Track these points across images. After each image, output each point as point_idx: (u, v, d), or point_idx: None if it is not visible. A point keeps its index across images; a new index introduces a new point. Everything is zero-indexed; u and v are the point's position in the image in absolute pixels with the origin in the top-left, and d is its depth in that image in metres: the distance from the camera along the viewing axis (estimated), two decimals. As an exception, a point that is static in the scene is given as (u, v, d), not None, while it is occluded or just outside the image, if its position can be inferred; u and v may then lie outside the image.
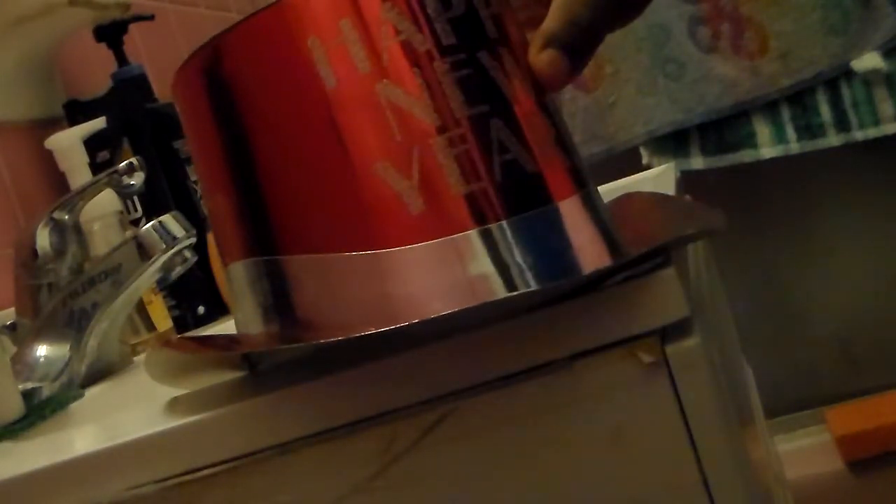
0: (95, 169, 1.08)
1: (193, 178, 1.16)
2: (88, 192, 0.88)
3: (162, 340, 0.51)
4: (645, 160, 1.82)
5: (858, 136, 1.74)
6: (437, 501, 0.47)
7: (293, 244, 0.47)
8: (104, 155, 1.16)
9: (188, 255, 0.86)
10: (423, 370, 0.46)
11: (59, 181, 1.10)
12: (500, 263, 0.45)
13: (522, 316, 0.46)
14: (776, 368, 1.87)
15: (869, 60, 1.70)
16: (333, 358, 0.48)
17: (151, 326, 1.03)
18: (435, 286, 0.45)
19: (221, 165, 0.50)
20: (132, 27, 1.27)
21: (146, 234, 0.83)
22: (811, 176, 1.88)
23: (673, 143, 1.81)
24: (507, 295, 0.45)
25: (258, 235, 0.49)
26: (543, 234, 0.46)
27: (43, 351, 0.84)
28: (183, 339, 0.55)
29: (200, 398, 0.51)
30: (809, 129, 1.75)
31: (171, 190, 1.16)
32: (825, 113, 1.74)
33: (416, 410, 0.47)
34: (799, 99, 1.75)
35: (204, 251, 1.01)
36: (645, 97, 1.80)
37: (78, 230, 0.89)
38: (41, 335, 0.85)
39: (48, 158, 1.09)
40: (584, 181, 0.49)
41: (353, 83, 0.46)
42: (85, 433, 0.62)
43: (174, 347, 0.50)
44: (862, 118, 1.73)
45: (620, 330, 0.45)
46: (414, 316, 0.45)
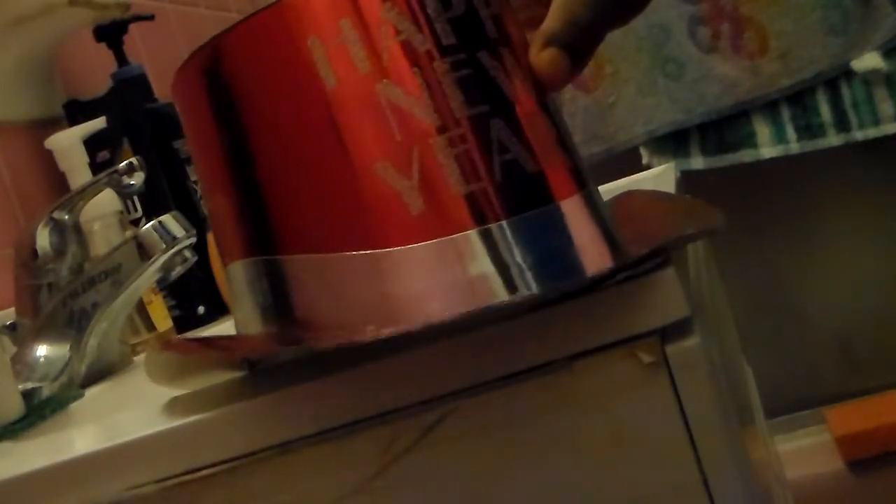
0: (95, 169, 1.08)
1: (193, 178, 1.16)
2: (88, 192, 0.88)
3: (161, 342, 0.51)
4: (645, 160, 1.82)
5: (858, 136, 1.74)
6: (437, 501, 0.47)
7: (293, 244, 0.47)
8: (104, 155, 1.16)
9: (188, 255, 0.86)
10: (423, 370, 0.46)
11: (59, 181, 1.10)
12: (500, 263, 0.45)
13: (522, 316, 0.46)
14: (776, 368, 1.87)
15: (869, 60, 1.70)
16: (333, 358, 0.48)
17: (151, 326, 1.03)
18: (435, 286, 0.45)
19: (221, 165, 0.50)
20: (132, 27, 1.27)
21: (146, 234, 0.83)
22: (811, 176, 1.87)
23: (673, 143, 1.81)
24: (507, 299, 0.45)
25: (258, 235, 0.49)
26: (544, 234, 0.46)
27: (43, 351, 0.84)
28: (182, 340, 0.55)
29: (200, 398, 0.51)
30: (809, 129, 1.75)
31: (171, 190, 1.16)
32: (825, 113, 1.74)
33: (416, 410, 0.47)
34: (799, 99, 1.75)
35: (204, 251, 1.01)
36: (645, 97, 1.80)
37: (78, 230, 0.89)
38: (41, 335, 0.85)
39: (48, 158, 1.09)
40: (584, 181, 0.49)
41: (353, 83, 0.46)
42: (85, 433, 0.62)
43: (173, 350, 0.50)
44: (862, 118, 1.73)
45: (620, 330, 0.45)
46: (413, 318, 0.45)
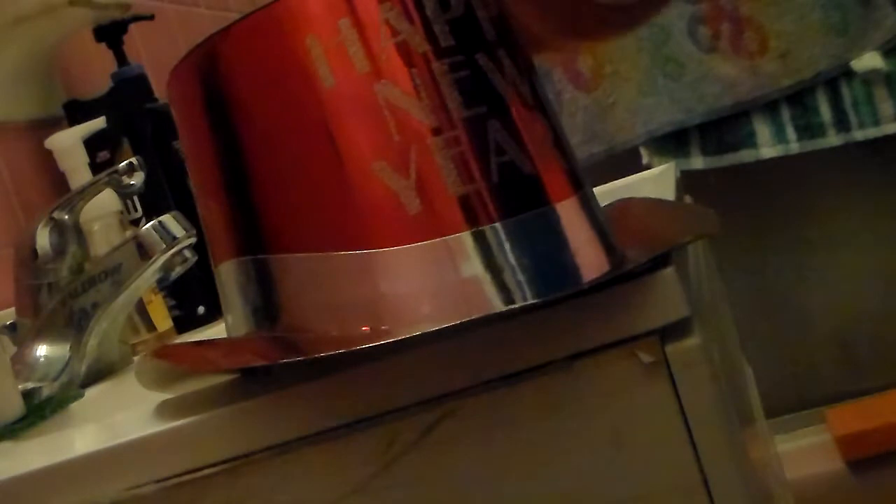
0: (95, 169, 1.08)
1: (193, 178, 1.15)
2: (88, 192, 0.88)
3: (153, 350, 0.50)
4: (645, 160, 1.82)
5: (858, 136, 1.74)
6: (437, 501, 0.47)
7: (285, 243, 0.47)
8: (104, 155, 1.15)
9: (188, 255, 0.86)
10: (423, 370, 0.46)
11: (59, 181, 1.10)
12: (493, 266, 0.45)
13: (522, 316, 0.46)
14: (776, 368, 1.87)
15: (869, 60, 1.70)
16: (331, 358, 0.48)
17: (151, 326, 1.03)
18: (427, 288, 0.45)
19: (214, 163, 0.50)
20: (132, 27, 1.27)
21: (146, 234, 0.83)
22: (811, 176, 1.87)
23: (673, 143, 1.81)
24: (504, 309, 0.45)
25: (249, 234, 0.48)
26: (539, 236, 0.46)
27: (43, 351, 0.84)
28: (174, 347, 0.54)
29: (199, 398, 0.51)
30: (809, 129, 1.75)
31: (171, 190, 1.16)
32: (825, 113, 1.74)
33: (416, 410, 0.47)
34: (799, 99, 1.75)
35: (204, 251, 1.01)
36: (645, 97, 1.80)
37: (78, 230, 0.88)
38: (41, 335, 0.85)
39: (48, 158, 1.09)
40: (580, 183, 0.49)
41: (351, 83, 0.46)
42: (85, 433, 0.62)
43: (167, 358, 0.50)
44: (862, 118, 1.73)
45: (620, 330, 0.45)
46: (404, 319, 0.45)
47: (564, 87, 1.82)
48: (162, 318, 1.05)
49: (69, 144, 1.07)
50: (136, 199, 1.14)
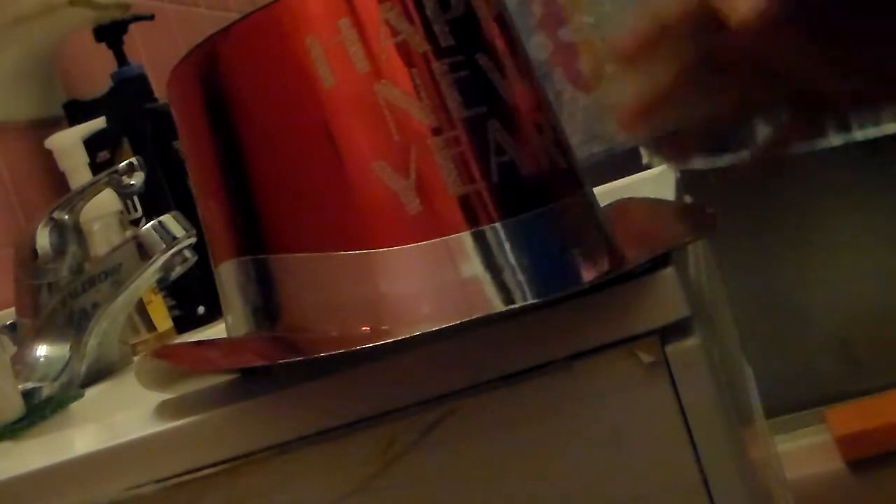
0: (95, 169, 1.08)
1: (193, 178, 1.15)
2: (88, 192, 0.88)
3: (154, 350, 0.50)
4: (645, 160, 1.82)
5: (858, 136, 1.74)
6: (437, 501, 0.47)
7: (285, 243, 0.47)
8: (104, 155, 1.15)
9: (188, 255, 0.86)
10: (423, 370, 0.46)
11: (59, 181, 1.10)
12: (493, 266, 0.45)
13: (522, 316, 0.46)
14: (776, 368, 1.87)
15: (869, 60, 1.70)
16: (332, 358, 0.48)
17: (151, 326, 1.03)
18: (427, 287, 0.45)
19: (214, 163, 0.50)
20: (132, 27, 1.27)
21: (146, 234, 0.83)
22: (811, 176, 1.87)
23: (673, 143, 1.81)
24: (504, 309, 0.45)
25: (249, 234, 0.49)
26: (538, 236, 0.46)
27: (43, 351, 0.84)
28: (174, 347, 0.54)
29: (200, 398, 0.51)
30: (809, 128, 1.75)
31: (171, 190, 1.16)
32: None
33: (416, 410, 0.47)
34: (799, 99, 1.74)
35: (204, 251, 1.01)
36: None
37: (78, 230, 0.88)
38: (41, 335, 0.85)
39: (48, 158, 1.09)
40: (580, 183, 0.49)
41: (351, 82, 0.46)
42: (85, 433, 0.62)
43: (167, 358, 0.50)
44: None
45: (620, 330, 0.45)
46: (404, 319, 0.45)
47: (564, 87, 1.82)
48: (162, 318, 1.05)
49: (69, 144, 1.07)
50: (136, 199, 1.14)
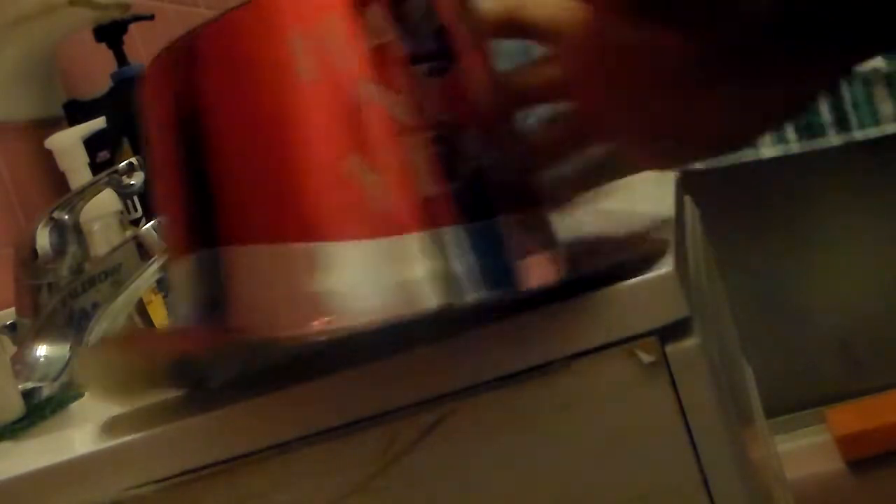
0: (95, 169, 1.08)
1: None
2: (88, 192, 0.88)
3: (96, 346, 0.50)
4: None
5: (858, 136, 1.74)
6: (436, 501, 0.47)
7: (239, 235, 0.47)
8: (104, 155, 1.15)
9: (188, 255, 0.86)
10: (422, 370, 0.46)
11: (59, 181, 1.10)
12: (445, 268, 0.45)
13: (522, 316, 0.46)
14: (776, 368, 1.87)
15: (869, 60, 1.70)
16: (329, 359, 0.48)
17: (151, 326, 1.03)
18: (376, 285, 0.45)
19: (174, 155, 0.49)
20: (132, 27, 1.27)
21: (146, 234, 0.83)
22: (811, 176, 1.87)
23: (673, 143, 1.81)
24: (442, 304, 0.44)
25: (202, 227, 0.48)
26: (495, 242, 0.46)
27: (43, 351, 0.84)
28: (109, 344, 0.53)
29: (200, 398, 0.51)
30: (809, 128, 1.75)
31: (171, 190, 1.16)
32: (825, 113, 1.74)
33: (415, 410, 0.47)
34: (799, 99, 1.74)
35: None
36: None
37: (78, 230, 0.88)
38: (41, 335, 0.85)
39: (48, 158, 1.09)
40: (542, 196, 0.49)
41: (330, 78, 0.46)
42: (85, 433, 0.62)
43: (105, 354, 0.49)
44: (862, 118, 1.73)
45: (620, 330, 0.45)
46: (351, 315, 0.44)
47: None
48: (162, 318, 1.05)
49: (69, 144, 1.07)
50: (136, 199, 1.14)
